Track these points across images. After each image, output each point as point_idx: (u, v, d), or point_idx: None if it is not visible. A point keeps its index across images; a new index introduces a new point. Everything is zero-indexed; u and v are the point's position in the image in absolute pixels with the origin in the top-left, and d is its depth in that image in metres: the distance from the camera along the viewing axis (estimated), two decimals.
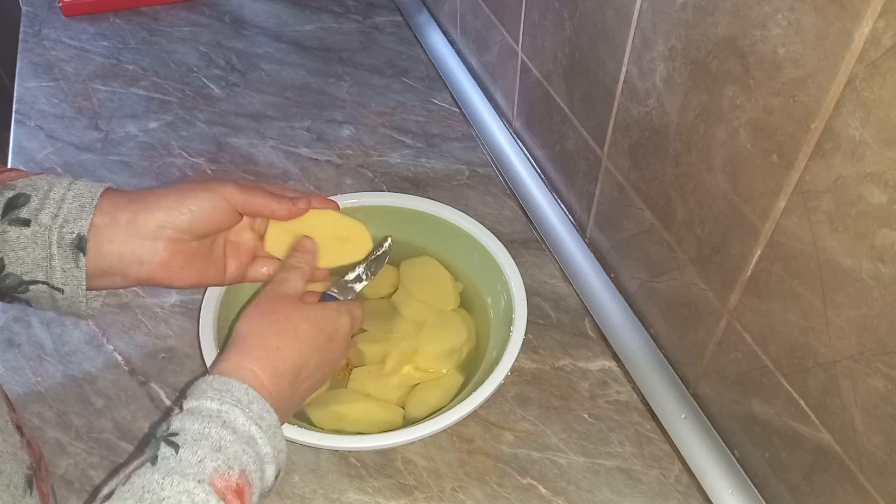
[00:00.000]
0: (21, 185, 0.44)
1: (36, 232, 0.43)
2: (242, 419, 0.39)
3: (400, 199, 0.65)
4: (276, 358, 0.44)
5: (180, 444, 0.37)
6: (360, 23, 1.05)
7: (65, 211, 0.43)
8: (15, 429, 0.42)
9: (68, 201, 0.43)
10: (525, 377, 0.60)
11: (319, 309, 0.48)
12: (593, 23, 0.58)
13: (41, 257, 0.43)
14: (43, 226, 0.43)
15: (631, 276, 0.63)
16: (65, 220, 0.43)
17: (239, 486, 0.37)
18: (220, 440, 0.37)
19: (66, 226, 0.43)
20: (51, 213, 0.43)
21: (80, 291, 0.44)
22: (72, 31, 1.00)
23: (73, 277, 0.44)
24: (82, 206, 0.44)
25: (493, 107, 0.86)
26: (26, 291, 0.44)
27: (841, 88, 0.35)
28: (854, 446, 0.41)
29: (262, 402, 0.40)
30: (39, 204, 0.43)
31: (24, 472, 0.40)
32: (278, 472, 0.41)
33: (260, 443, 0.39)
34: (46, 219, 0.43)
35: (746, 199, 0.44)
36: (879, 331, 0.37)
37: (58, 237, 0.43)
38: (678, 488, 0.53)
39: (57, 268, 0.43)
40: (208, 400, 0.39)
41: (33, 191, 0.43)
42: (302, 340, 0.45)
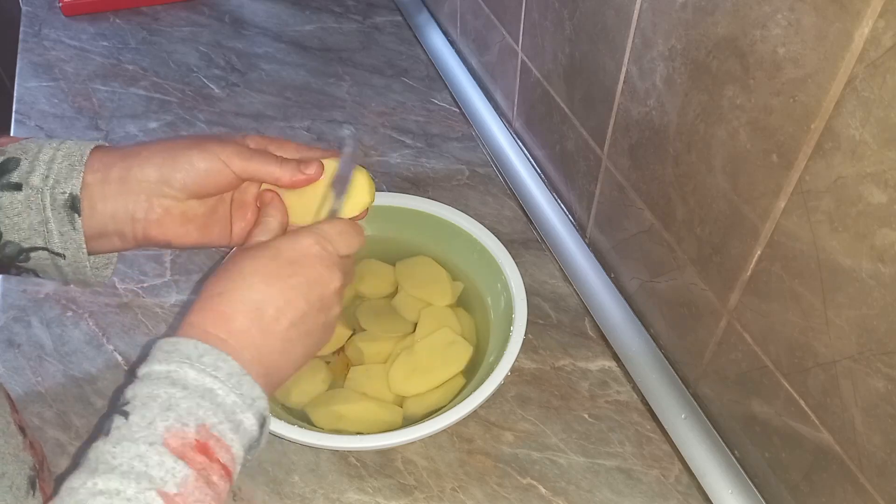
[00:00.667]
0: (11, 149, 0.42)
1: (28, 196, 0.42)
2: (193, 374, 0.36)
3: (400, 199, 0.65)
4: (218, 303, 0.40)
5: (130, 411, 0.35)
6: (360, 23, 1.05)
7: (55, 171, 0.42)
8: (17, 430, 0.42)
9: (58, 161, 0.42)
10: (525, 377, 0.60)
11: (271, 241, 0.43)
12: (593, 23, 0.58)
13: (37, 222, 0.42)
14: (35, 188, 0.42)
15: (631, 276, 0.63)
16: (55, 180, 0.42)
17: (199, 441, 0.35)
18: (170, 399, 0.35)
19: (58, 186, 0.42)
20: (41, 175, 0.42)
21: (82, 255, 0.44)
22: (72, 31, 1.00)
23: (71, 241, 0.43)
24: (72, 165, 0.42)
25: (493, 107, 0.86)
26: (28, 260, 0.43)
27: (841, 88, 0.35)
28: (854, 446, 0.41)
29: (216, 352, 0.37)
30: (30, 166, 0.42)
31: (27, 473, 0.40)
32: (263, 420, 0.39)
33: (220, 393, 0.36)
34: (37, 181, 0.42)
35: (746, 199, 0.44)
36: (879, 331, 0.37)
37: (50, 199, 0.42)
38: (678, 488, 0.53)
39: (54, 231, 0.42)
40: (157, 363, 0.37)
41: (23, 154, 0.42)
42: (249, 275, 0.41)
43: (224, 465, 0.35)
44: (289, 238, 0.43)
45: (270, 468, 0.54)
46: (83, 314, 0.65)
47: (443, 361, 0.57)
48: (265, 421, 0.39)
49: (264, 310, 0.40)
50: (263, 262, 0.41)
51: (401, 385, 0.56)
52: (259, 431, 0.38)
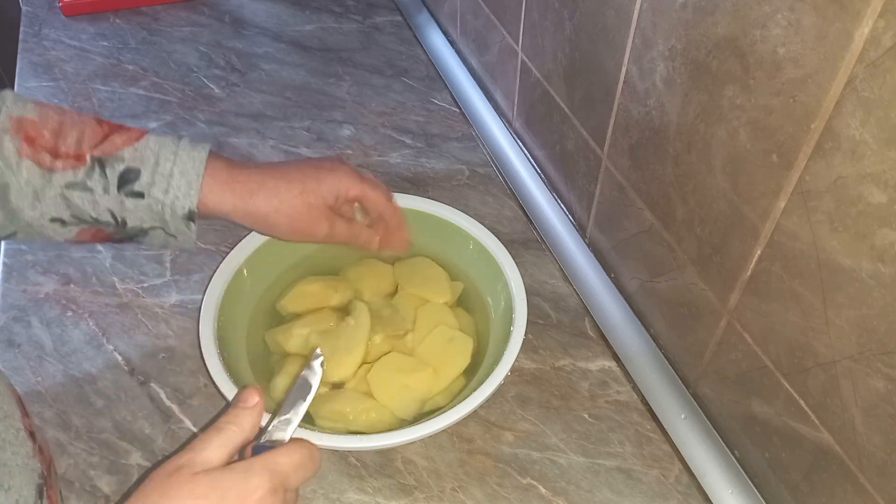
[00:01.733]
0: (129, 156, 0.47)
1: (150, 204, 0.48)
2: None
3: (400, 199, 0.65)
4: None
5: None
6: (360, 23, 1.05)
7: (174, 187, 0.48)
8: (28, 436, 0.41)
9: (175, 178, 0.48)
10: (525, 377, 0.60)
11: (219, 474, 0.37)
12: (593, 23, 0.58)
13: (157, 219, 0.49)
14: (156, 199, 0.48)
15: (631, 276, 0.63)
16: (175, 196, 0.48)
17: None
18: None
19: (178, 201, 0.48)
20: (162, 189, 0.47)
21: (191, 242, 0.51)
22: (72, 31, 1.00)
23: (185, 235, 0.50)
24: (189, 184, 0.48)
25: (493, 107, 0.86)
26: (145, 235, 0.50)
27: (841, 88, 0.35)
28: (854, 446, 0.41)
29: None
30: (150, 178, 0.47)
31: (36, 481, 0.40)
32: None
33: None
34: (159, 194, 0.47)
35: (746, 199, 0.44)
36: (879, 331, 0.37)
37: (170, 210, 0.48)
38: (678, 488, 0.53)
39: (171, 227, 0.49)
40: None
41: (142, 164, 0.47)
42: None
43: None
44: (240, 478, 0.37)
45: None
46: (83, 314, 0.65)
47: (445, 358, 0.57)
48: None
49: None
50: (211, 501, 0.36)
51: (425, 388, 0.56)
52: None
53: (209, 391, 0.59)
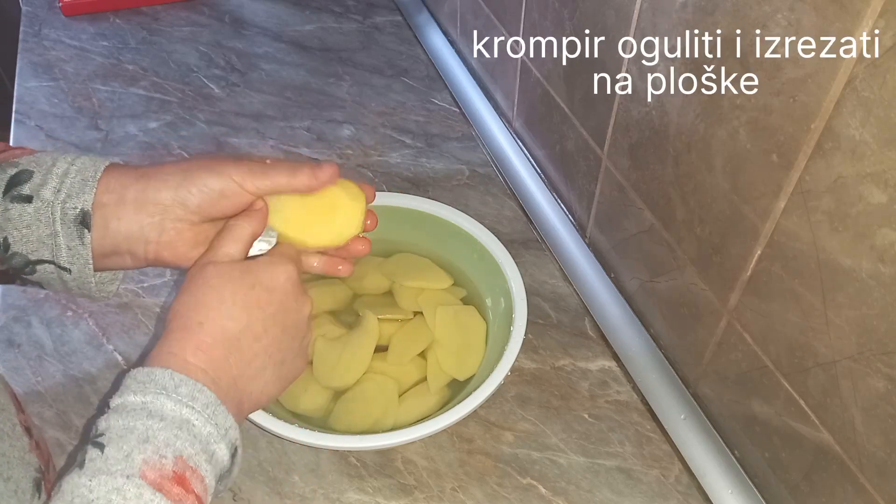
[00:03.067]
0: (24, 161, 0.43)
1: (38, 208, 0.42)
2: (171, 405, 0.36)
3: (400, 199, 0.65)
4: (198, 332, 0.40)
5: (105, 443, 0.35)
6: (360, 23, 1.05)
7: (67, 185, 0.42)
8: (24, 431, 0.42)
9: (71, 175, 0.42)
10: (525, 377, 0.60)
11: (246, 264, 0.43)
12: (593, 23, 0.58)
13: (45, 234, 0.42)
14: (45, 201, 0.42)
15: (631, 276, 0.63)
16: (67, 194, 0.42)
17: (177, 472, 0.35)
18: (147, 431, 0.35)
19: (69, 201, 0.42)
20: (53, 188, 0.42)
21: (88, 271, 0.44)
22: (72, 31, 1.00)
23: (79, 256, 0.43)
24: (84, 181, 0.42)
25: (493, 107, 0.86)
26: (34, 273, 0.43)
27: (841, 88, 0.35)
28: (854, 446, 0.41)
29: (191, 382, 0.37)
30: (42, 179, 0.42)
31: (33, 475, 0.40)
32: (234, 450, 0.38)
33: (197, 424, 0.36)
34: (49, 194, 0.42)
35: (746, 199, 0.44)
36: (879, 331, 0.37)
37: (61, 213, 0.42)
38: (678, 488, 0.53)
39: (62, 245, 0.42)
40: (132, 394, 0.36)
41: (36, 167, 0.42)
42: (230, 305, 0.41)
43: (198, 496, 0.35)
44: (266, 266, 0.43)
45: (270, 468, 0.54)
46: (83, 314, 0.65)
47: (464, 333, 0.59)
48: (236, 451, 0.39)
49: (241, 339, 0.41)
50: (243, 290, 0.41)
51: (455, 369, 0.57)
52: (230, 461, 0.38)
53: None
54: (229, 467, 0.39)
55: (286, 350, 0.44)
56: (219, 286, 0.41)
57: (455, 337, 0.58)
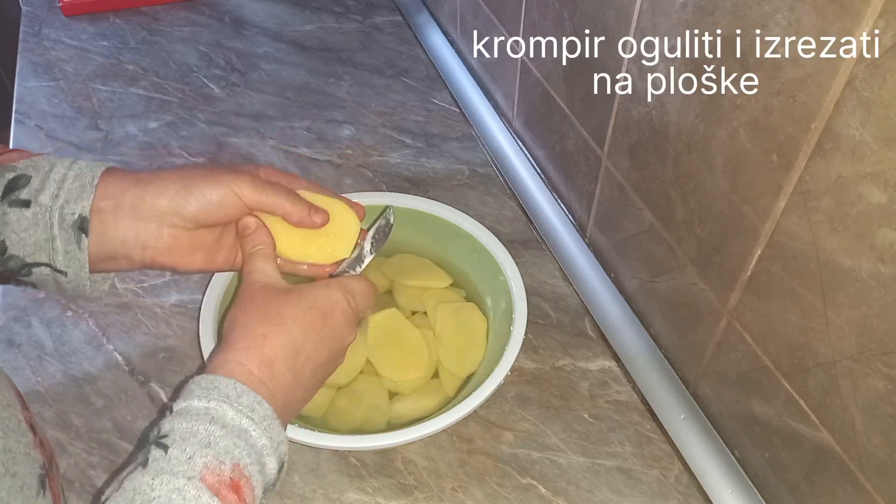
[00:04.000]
0: (22, 166, 0.43)
1: (36, 213, 0.42)
2: (232, 413, 0.38)
3: (400, 199, 0.65)
4: (262, 345, 0.42)
5: (169, 444, 0.36)
6: (360, 23, 1.05)
7: (65, 191, 0.43)
8: (28, 428, 0.42)
9: (69, 181, 0.43)
10: (525, 377, 0.60)
11: (305, 289, 0.45)
12: (593, 23, 0.58)
13: (43, 239, 0.43)
14: (43, 206, 0.42)
15: (631, 276, 0.63)
16: (65, 200, 0.42)
17: (233, 479, 0.36)
18: (210, 436, 0.36)
19: (67, 206, 0.42)
20: (51, 194, 0.42)
21: (84, 274, 0.44)
22: (72, 31, 1.00)
23: (75, 260, 0.43)
24: (83, 186, 0.43)
25: (493, 107, 0.86)
26: (29, 274, 0.44)
27: (841, 88, 0.35)
28: (854, 446, 0.41)
29: (252, 394, 0.39)
30: (40, 184, 0.42)
31: (38, 472, 0.40)
32: (281, 465, 0.40)
33: (254, 435, 0.38)
34: (47, 199, 0.42)
35: (746, 199, 0.44)
36: (879, 331, 0.37)
37: (59, 218, 0.42)
38: (678, 488, 0.53)
39: (59, 249, 0.43)
40: (196, 399, 0.38)
41: (34, 171, 0.43)
42: (290, 323, 0.43)
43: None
44: (322, 290, 0.45)
45: None
46: (83, 314, 0.65)
47: (465, 329, 0.59)
48: (283, 465, 0.40)
49: (298, 357, 0.43)
50: (301, 311, 0.44)
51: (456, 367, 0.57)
52: (277, 475, 0.40)
53: None
54: (275, 481, 0.40)
55: (327, 370, 0.46)
56: (278, 304, 0.44)
57: (456, 334, 0.58)
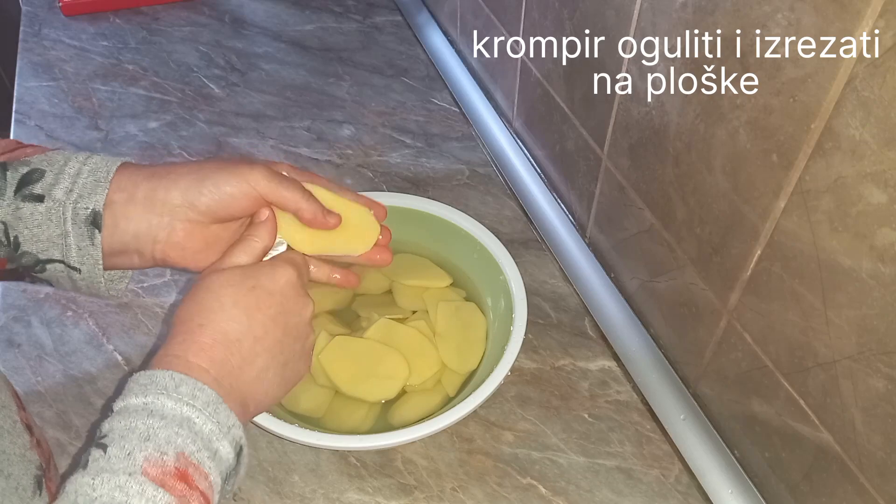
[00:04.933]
0: (37, 160, 0.43)
1: (50, 208, 0.42)
2: (171, 404, 0.37)
3: (400, 198, 0.65)
4: (199, 334, 0.40)
5: (108, 443, 0.35)
6: (360, 23, 1.05)
7: (80, 186, 0.42)
8: (24, 429, 0.42)
9: (83, 175, 0.42)
10: (525, 377, 0.60)
11: (249, 269, 0.44)
12: (593, 23, 0.58)
13: (56, 234, 0.42)
14: (57, 201, 0.42)
15: (631, 275, 0.63)
16: (79, 195, 0.42)
17: (179, 468, 0.35)
18: (149, 429, 0.36)
19: (81, 201, 0.42)
20: (65, 188, 0.42)
21: (98, 271, 0.44)
22: (72, 31, 1.00)
23: (88, 256, 0.43)
24: (97, 181, 0.42)
25: (493, 107, 0.86)
26: (43, 271, 0.44)
27: (841, 88, 0.35)
28: (854, 446, 0.41)
29: (192, 381, 0.38)
30: (54, 179, 0.42)
31: (34, 473, 0.40)
32: (239, 448, 0.39)
33: (198, 422, 0.37)
34: (60, 194, 0.42)
35: (746, 198, 0.44)
36: (879, 331, 0.37)
37: (72, 213, 0.42)
38: (678, 488, 0.53)
39: (72, 245, 0.43)
40: (133, 396, 0.37)
41: (48, 166, 0.42)
42: (230, 307, 0.41)
43: (203, 493, 0.36)
44: (266, 269, 0.44)
45: (270, 468, 0.54)
46: (83, 314, 0.65)
47: (465, 328, 0.59)
48: (242, 450, 0.39)
49: (242, 340, 0.41)
50: (243, 292, 0.42)
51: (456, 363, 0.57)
52: (236, 460, 0.39)
53: None
54: (235, 466, 0.39)
55: (288, 352, 0.44)
56: (219, 290, 0.42)
57: (456, 332, 0.58)
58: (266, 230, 0.47)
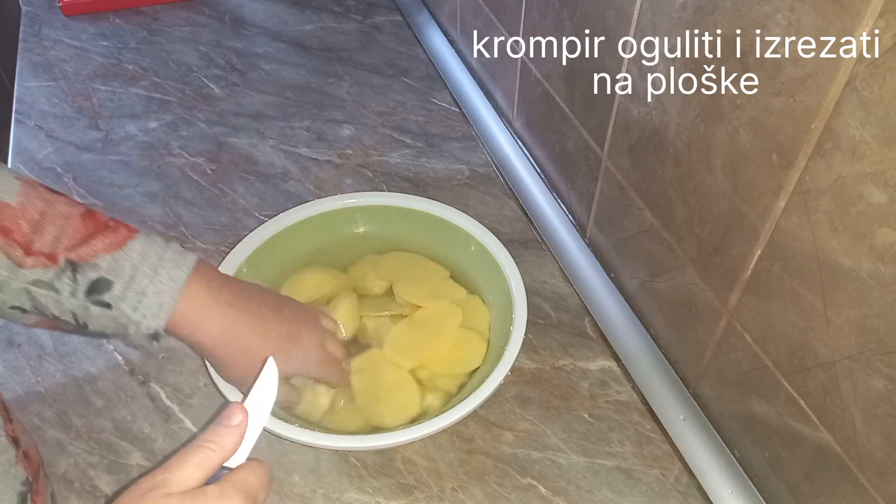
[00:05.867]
0: (105, 266, 0.44)
1: (116, 316, 0.45)
2: None
3: (400, 199, 0.65)
4: None
5: None
6: (360, 23, 1.05)
7: (144, 306, 0.45)
8: (10, 443, 0.41)
9: (149, 296, 0.45)
10: (525, 377, 0.60)
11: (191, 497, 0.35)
12: (593, 23, 0.58)
13: (120, 330, 0.46)
14: (123, 314, 0.44)
15: (631, 275, 0.63)
16: (143, 315, 0.45)
17: None
18: None
19: (144, 322, 0.45)
20: (132, 305, 0.44)
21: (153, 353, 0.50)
22: (72, 31, 1.00)
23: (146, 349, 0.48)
24: (161, 306, 0.45)
25: (493, 107, 0.86)
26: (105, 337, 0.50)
27: (841, 88, 0.35)
28: (854, 446, 0.41)
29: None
30: (121, 293, 0.44)
31: (18, 489, 0.40)
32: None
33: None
34: (128, 309, 0.44)
35: (746, 198, 0.44)
36: (879, 331, 0.37)
37: (135, 327, 0.45)
38: (678, 488, 0.53)
39: (133, 339, 0.46)
40: None
41: (116, 277, 0.44)
42: None
43: None
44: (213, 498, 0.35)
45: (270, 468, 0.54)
46: None
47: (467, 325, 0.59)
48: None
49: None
50: None
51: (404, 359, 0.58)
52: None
53: (209, 391, 0.59)
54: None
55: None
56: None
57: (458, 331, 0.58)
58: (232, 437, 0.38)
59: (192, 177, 0.79)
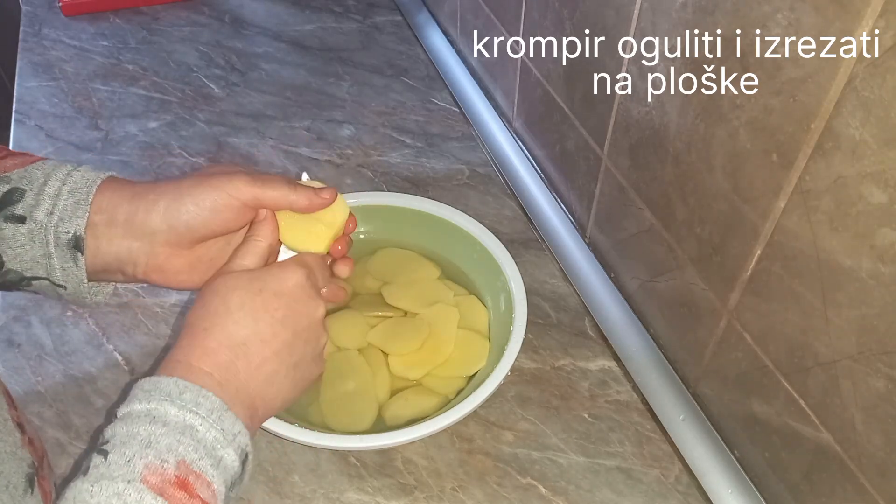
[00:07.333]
0: (16, 177, 0.42)
1: (32, 230, 0.42)
2: (174, 410, 0.36)
3: (400, 199, 0.65)
4: (204, 338, 0.40)
5: (109, 449, 0.35)
6: (360, 22, 1.05)
7: (60, 208, 0.42)
8: (15, 427, 0.42)
9: (64, 197, 0.42)
10: (525, 377, 0.60)
11: (254, 272, 0.43)
12: (593, 23, 0.58)
13: (39, 255, 0.42)
14: (38, 223, 0.42)
15: (631, 275, 0.63)
16: (60, 218, 0.42)
17: (179, 477, 0.34)
18: (150, 436, 0.35)
19: (62, 224, 0.42)
20: (46, 210, 0.42)
21: (83, 288, 0.44)
22: (72, 31, 1.00)
23: (73, 276, 0.43)
24: (77, 203, 0.42)
25: (493, 106, 0.86)
26: (29, 286, 0.44)
27: (841, 88, 0.35)
28: (854, 446, 0.41)
29: (196, 388, 0.37)
30: (34, 200, 0.42)
31: (25, 470, 0.40)
32: (245, 455, 0.38)
33: (201, 429, 0.36)
34: (42, 216, 0.42)
35: (746, 198, 0.44)
36: (879, 331, 0.37)
37: (54, 236, 0.42)
38: (678, 488, 0.53)
39: (56, 266, 0.43)
40: (137, 402, 0.37)
41: (28, 184, 0.42)
42: (236, 310, 0.41)
43: (205, 501, 0.35)
44: (274, 271, 0.44)
45: (270, 468, 0.54)
46: (83, 314, 0.65)
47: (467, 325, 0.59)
48: (247, 457, 0.39)
49: (249, 344, 0.41)
50: (249, 295, 0.42)
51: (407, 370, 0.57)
52: (241, 468, 0.38)
53: None
54: (240, 474, 0.38)
55: (299, 354, 0.43)
56: (225, 293, 0.42)
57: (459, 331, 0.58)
58: (267, 228, 0.46)
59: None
